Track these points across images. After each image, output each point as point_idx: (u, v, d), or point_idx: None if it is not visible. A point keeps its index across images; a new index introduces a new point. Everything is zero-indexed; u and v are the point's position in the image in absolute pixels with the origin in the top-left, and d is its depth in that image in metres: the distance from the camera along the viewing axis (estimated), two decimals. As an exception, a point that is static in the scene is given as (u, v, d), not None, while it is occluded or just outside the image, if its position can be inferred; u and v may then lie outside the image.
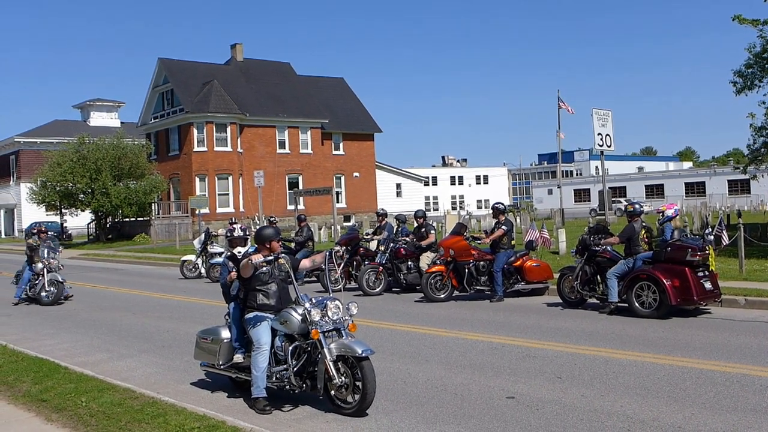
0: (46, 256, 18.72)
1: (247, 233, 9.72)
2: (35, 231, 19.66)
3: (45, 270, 18.53)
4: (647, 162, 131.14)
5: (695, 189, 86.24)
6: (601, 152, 24.91)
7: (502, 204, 16.70)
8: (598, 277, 13.98)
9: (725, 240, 19.65)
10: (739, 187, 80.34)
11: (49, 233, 20.75)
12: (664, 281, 12.49)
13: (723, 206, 59.34)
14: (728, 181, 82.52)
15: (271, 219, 24.03)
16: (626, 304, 13.17)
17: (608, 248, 14.06)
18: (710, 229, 19.53)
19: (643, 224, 13.76)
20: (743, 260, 16.91)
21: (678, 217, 14.08)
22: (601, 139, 24.27)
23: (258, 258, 7.96)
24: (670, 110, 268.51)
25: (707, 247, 13.13)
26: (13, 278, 20.05)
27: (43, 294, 18.33)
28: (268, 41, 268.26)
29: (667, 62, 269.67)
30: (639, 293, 12.91)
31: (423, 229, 18.62)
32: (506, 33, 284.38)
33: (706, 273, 12.98)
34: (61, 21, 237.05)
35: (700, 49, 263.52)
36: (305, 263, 8.88)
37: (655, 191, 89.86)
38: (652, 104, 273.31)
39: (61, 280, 18.60)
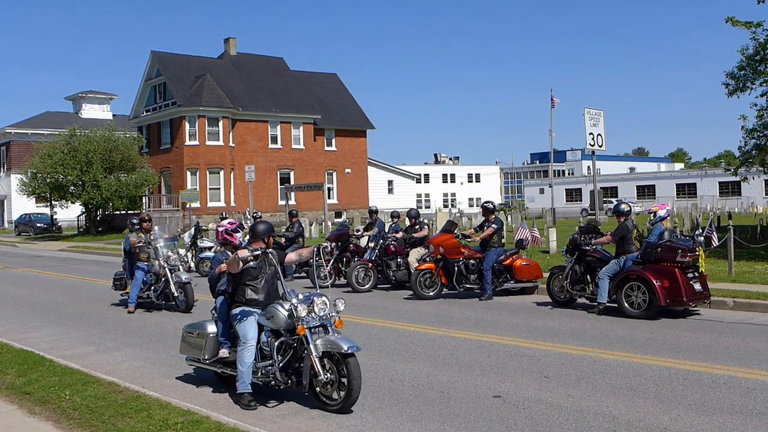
0: (163, 253, 15.36)
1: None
2: (136, 221, 16.08)
3: (167, 270, 15.23)
4: (639, 162, 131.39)
5: (686, 190, 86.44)
6: (593, 152, 24.93)
7: (492, 203, 16.69)
8: (588, 276, 13.98)
9: (715, 241, 19.67)
10: (730, 189, 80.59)
11: (156, 225, 16.75)
12: (654, 282, 12.47)
13: (714, 208, 59.49)
14: (719, 182, 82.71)
15: (255, 215, 23.85)
16: (615, 305, 13.16)
17: (599, 248, 14.04)
18: (701, 231, 19.54)
19: (633, 224, 13.75)
20: (732, 262, 16.95)
21: (669, 217, 14.03)
22: (593, 139, 24.29)
23: (244, 253, 7.92)
24: (662, 111, 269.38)
25: (697, 249, 13.13)
26: (112, 283, 16.68)
27: (174, 301, 15.24)
28: (262, 36, 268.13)
29: (660, 63, 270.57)
30: (629, 294, 12.89)
31: (417, 227, 18.67)
32: (500, 30, 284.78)
33: (696, 274, 12.97)
34: (53, 12, 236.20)
35: (694, 50, 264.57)
36: (291, 256, 8.85)
37: (646, 192, 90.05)
38: (645, 105, 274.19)
39: (186, 281, 15.13)
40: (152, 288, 15.52)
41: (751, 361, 9.35)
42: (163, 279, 15.34)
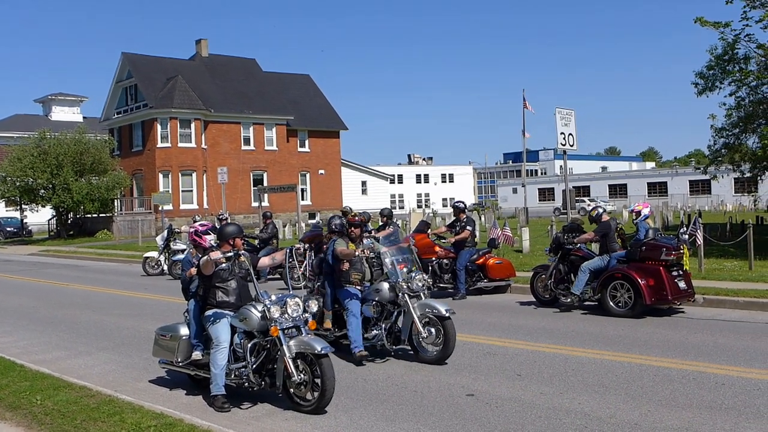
0: (398, 271, 9.89)
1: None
2: (338, 222, 10.56)
3: (407, 298, 9.70)
4: (611, 162, 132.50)
5: (657, 189, 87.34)
6: (564, 151, 25.06)
7: (463, 202, 16.77)
8: (572, 276, 13.95)
9: (699, 239, 19.73)
10: (700, 188, 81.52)
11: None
12: (639, 280, 12.45)
13: (684, 206, 60.13)
14: (689, 181, 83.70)
15: (221, 216, 23.43)
16: (597, 303, 13.20)
17: (582, 246, 14.03)
18: (685, 228, 19.64)
19: (617, 223, 13.80)
20: (702, 259, 17.15)
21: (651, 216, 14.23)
22: (564, 139, 24.42)
23: (217, 254, 7.90)
24: (633, 111, 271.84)
25: (682, 247, 13.19)
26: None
27: (417, 344, 9.75)
28: (234, 37, 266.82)
29: (631, 62, 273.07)
30: (614, 292, 12.88)
31: (388, 227, 18.61)
32: (472, 31, 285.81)
33: (681, 272, 13.00)
34: (22, 13, 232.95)
35: (664, 50, 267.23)
36: (264, 261, 8.82)
37: (618, 191, 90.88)
38: (617, 105, 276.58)
39: (446, 314, 9.48)
40: (373, 325, 10.10)
41: (720, 357, 9.48)
42: (395, 312, 9.98)
